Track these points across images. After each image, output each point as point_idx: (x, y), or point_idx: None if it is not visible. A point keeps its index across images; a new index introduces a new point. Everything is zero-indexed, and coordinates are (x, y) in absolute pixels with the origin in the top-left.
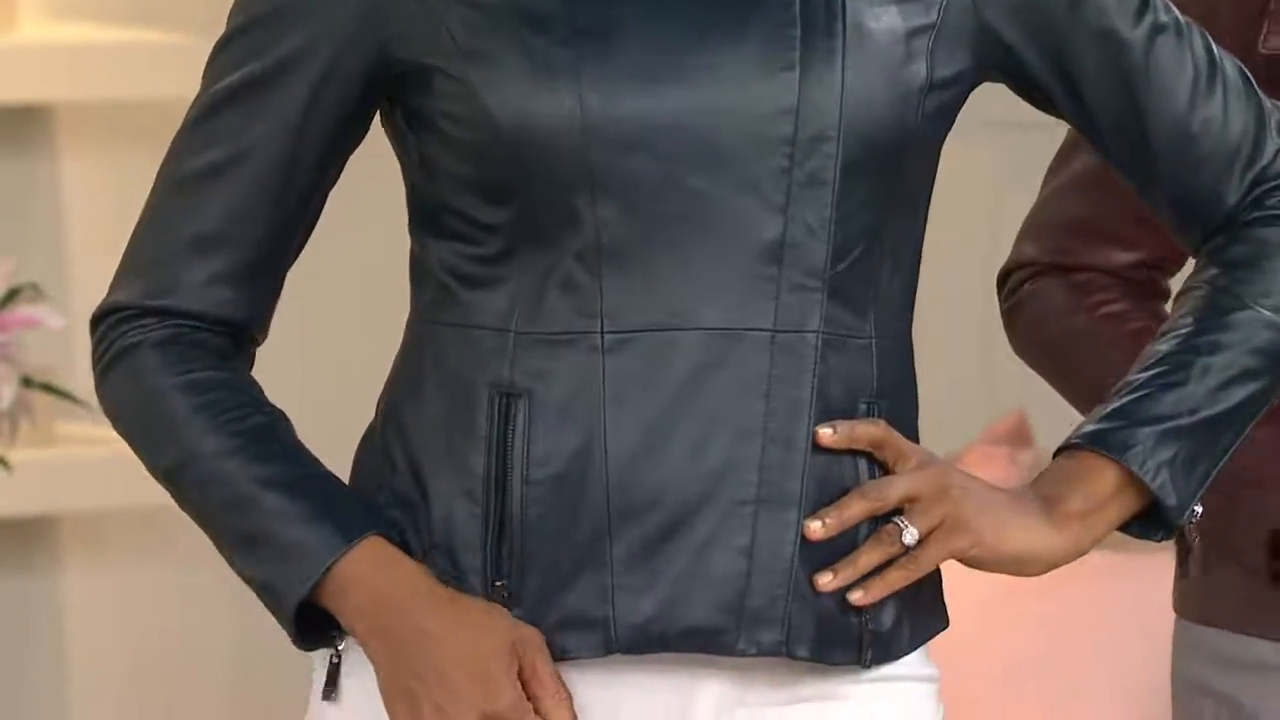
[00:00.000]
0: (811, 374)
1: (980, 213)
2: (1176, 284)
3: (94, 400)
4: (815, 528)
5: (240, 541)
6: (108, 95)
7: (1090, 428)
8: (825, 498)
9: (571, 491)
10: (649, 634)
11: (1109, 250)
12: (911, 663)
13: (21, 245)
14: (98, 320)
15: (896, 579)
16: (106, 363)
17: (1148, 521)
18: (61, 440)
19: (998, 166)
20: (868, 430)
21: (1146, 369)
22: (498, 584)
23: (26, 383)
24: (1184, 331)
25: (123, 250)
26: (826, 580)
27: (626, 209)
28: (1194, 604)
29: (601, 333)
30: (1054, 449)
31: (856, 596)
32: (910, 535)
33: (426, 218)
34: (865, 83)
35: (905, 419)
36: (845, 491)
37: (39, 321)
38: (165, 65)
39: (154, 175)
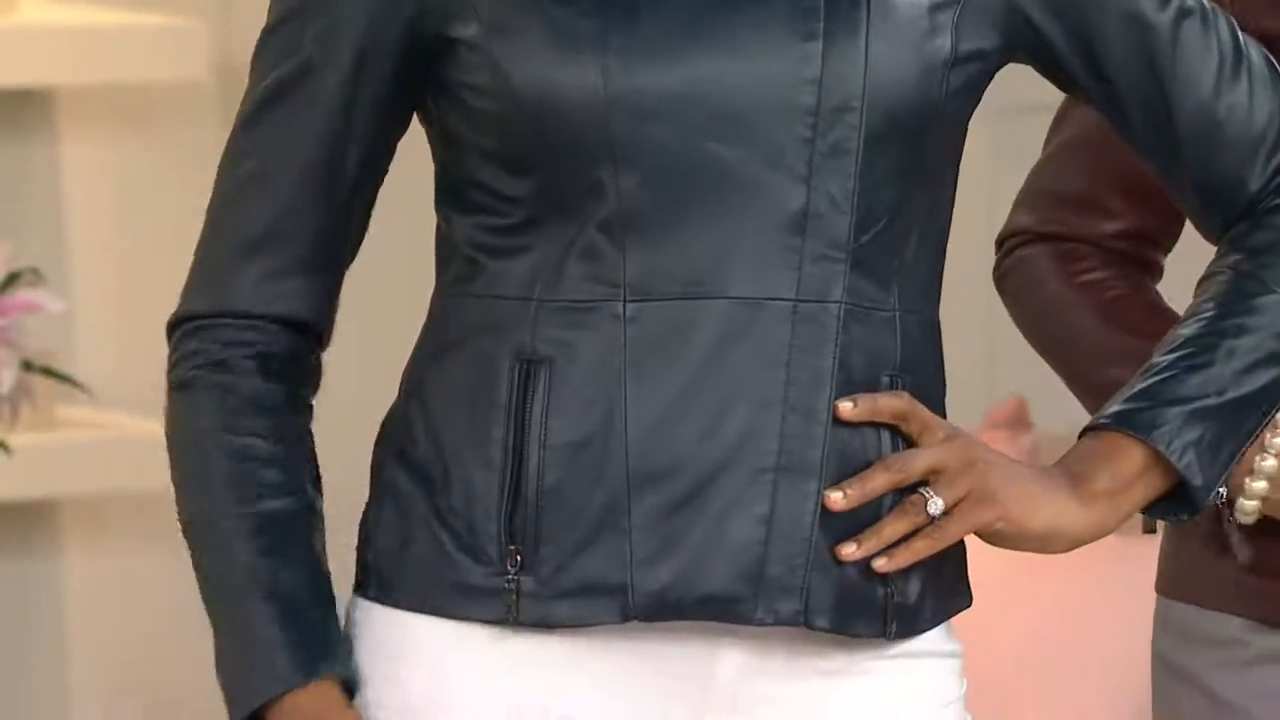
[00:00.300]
0: (833, 344)
1: (978, 197)
2: (1173, 262)
3: (93, 384)
4: (836, 499)
5: (217, 622)
6: (108, 78)
7: (1116, 408)
8: (847, 469)
9: (590, 458)
10: (666, 601)
11: (1093, 219)
12: (934, 638)
13: (21, 229)
14: (171, 329)
15: (921, 548)
16: (172, 383)
17: (1173, 502)
18: (61, 424)
19: (996, 150)
20: (890, 403)
21: (1171, 351)
22: (510, 548)
23: (27, 367)
24: (1208, 315)
25: (123, 233)
26: (850, 551)
27: (649, 179)
28: (1168, 581)
29: (623, 301)
30: (1053, 433)
31: (880, 563)
32: (936, 505)
33: (452, 192)
34: (889, 55)
35: (930, 395)
36: (867, 464)
37: (39, 305)
38: (165, 48)
39: (154, 158)
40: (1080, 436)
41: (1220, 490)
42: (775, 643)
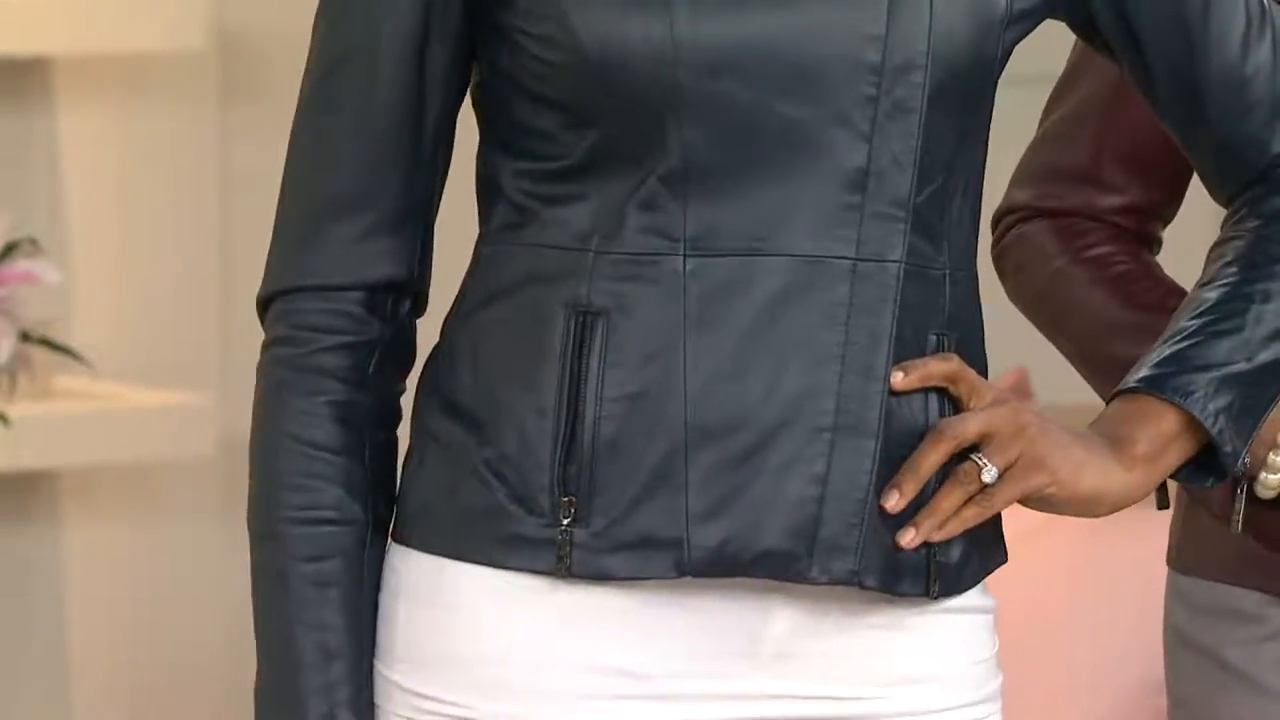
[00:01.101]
0: (893, 304)
1: None
2: (1171, 239)
3: (91, 354)
4: (893, 502)
5: (262, 642)
6: (107, 48)
7: (1146, 372)
8: (898, 430)
9: (647, 412)
10: (722, 557)
11: (1095, 194)
12: (973, 595)
13: (19, 200)
14: (262, 308)
15: (971, 516)
16: (260, 367)
17: (1198, 468)
18: (59, 395)
19: (996, 123)
20: (940, 366)
21: (1197, 315)
22: (564, 500)
23: (24, 337)
24: (1231, 280)
25: (121, 203)
26: (910, 538)
27: (713, 133)
28: (1178, 554)
29: (684, 256)
30: (1054, 406)
31: (935, 535)
32: (990, 473)
33: (501, 137)
34: (951, 13)
35: (974, 353)
36: (916, 425)
37: (37, 276)
38: (164, 17)
39: (153, 128)
40: (1110, 400)
41: (1245, 458)
42: (825, 600)
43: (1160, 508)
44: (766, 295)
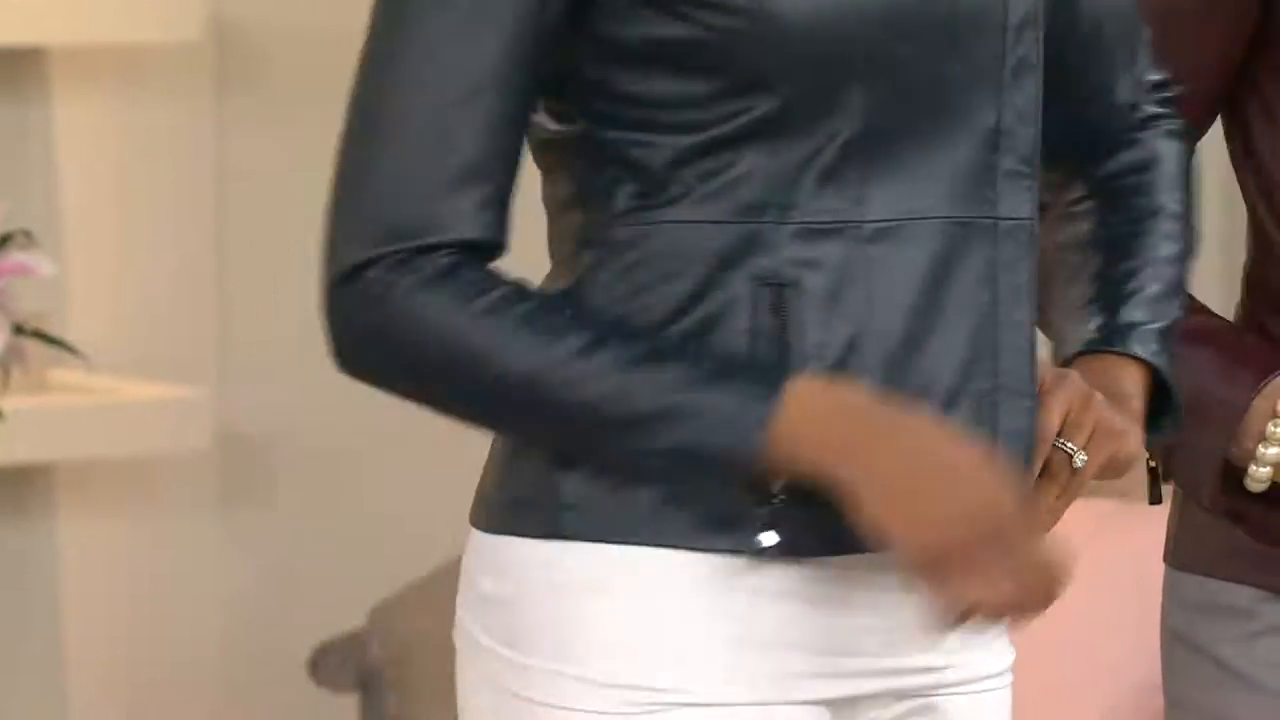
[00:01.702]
0: (1029, 260)
1: None
2: None
3: (85, 348)
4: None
5: (637, 423)
6: (103, 39)
7: (1096, 334)
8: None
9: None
10: None
11: None
12: None
13: (14, 191)
14: (343, 283)
15: (1064, 506)
16: (369, 327)
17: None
18: (54, 388)
19: None
20: (1046, 420)
21: (1102, 280)
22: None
23: (18, 330)
24: (1103, 259)
25: (117, 195)
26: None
27: (889, 97)
28: (1178, 552)
29: (863, 222)
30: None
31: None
32: (1081, 458)
33: (605, 112)
34: None
35: (1034, 302)
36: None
37: (32, 269)
38: (160, 8)
39: (149, 119)
40: (1070, 361)
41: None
42: None
43: (1153, 502)
44: (930, 260)
